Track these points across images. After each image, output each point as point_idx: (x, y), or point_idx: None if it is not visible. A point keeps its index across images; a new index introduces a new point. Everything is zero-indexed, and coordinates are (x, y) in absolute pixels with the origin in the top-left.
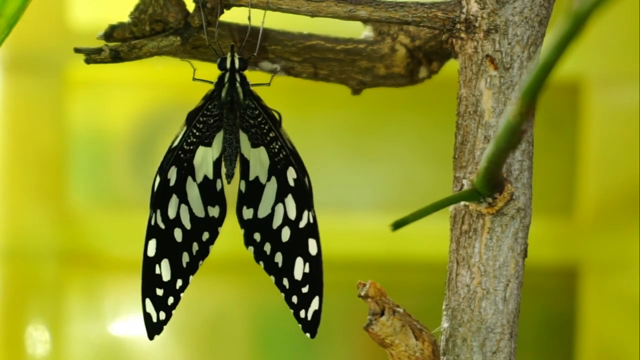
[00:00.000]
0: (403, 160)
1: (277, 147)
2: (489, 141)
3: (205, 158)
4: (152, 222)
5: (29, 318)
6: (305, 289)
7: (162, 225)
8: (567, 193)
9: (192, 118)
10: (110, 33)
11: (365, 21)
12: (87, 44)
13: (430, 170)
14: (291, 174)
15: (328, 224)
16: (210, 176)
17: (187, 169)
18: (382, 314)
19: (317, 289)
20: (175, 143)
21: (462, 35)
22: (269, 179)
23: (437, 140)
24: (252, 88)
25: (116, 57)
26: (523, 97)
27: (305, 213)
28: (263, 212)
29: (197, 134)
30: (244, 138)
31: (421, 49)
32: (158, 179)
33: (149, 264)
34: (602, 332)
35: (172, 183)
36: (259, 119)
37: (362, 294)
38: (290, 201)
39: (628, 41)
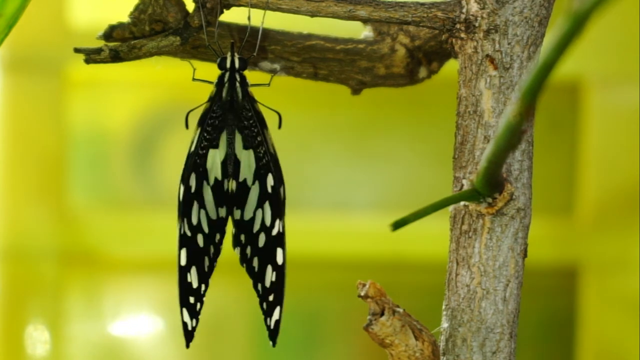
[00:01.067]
0: (403, 160)
1: (262, 151)
2: (488, 141)
3: (214, 160)
4: (182, 232)
5: (29, 318)
6: (271, 297)
7: (189, 234)
8: (567, 193)
9: (202, 121)
10: (110, 33)
11: (365, 21)
12: (87, 44)
13: (430, 170)
14: (269, 181)
15: (328, 224)
16: (220, 177)
17: (202, 174)
18: (382, 314)
19: (279, 299)
20: (192, 149)
21: (462, 35)
22: (254, 183)
23: (437, 140)
24: (250, 89)
25: (116, 57)
26: (523, 97)
27: (277, 222)
28: (247, 214)
29: (207, 137)
30: (238, 138)
31: (421, 49)
32: (182, 188)
33: (182, 274)
34: (602, 332)
35: (193, 190)
36: (251, 121)
37: (362, 294)
38: (267, 208)
39: (628, 41)
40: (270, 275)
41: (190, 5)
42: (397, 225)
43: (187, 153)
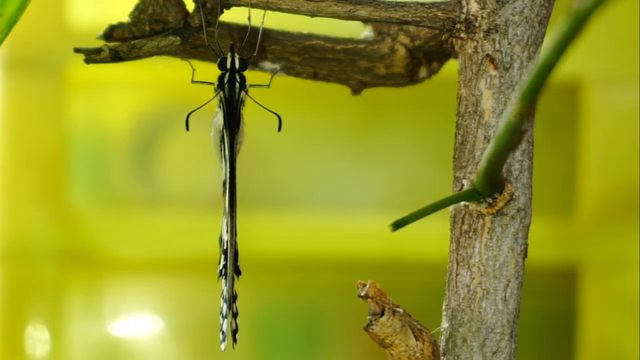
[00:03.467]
0: (403, 160)
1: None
2: (489, 141)
3: None
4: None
5: (29, 318)
6: None
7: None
8: (567, 193)
9: (225, 124)
10: (110, 33)
11: (365, 21)
12: (87, 44)
13: (430, 170)
14: None
15: (328, 224)
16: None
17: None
18: (382, 314)
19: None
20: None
21: (462, 35)
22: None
23: (437, 140)
24: (249, 90)
25: (116, 57)
26: (523, 97)
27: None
28: None
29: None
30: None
31: (421, 49)
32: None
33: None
34: (602, 332)
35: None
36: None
37: (362, 294)
38: None
39: (628, 41)
40: None
41: (190, 5)
42: (397, 225)
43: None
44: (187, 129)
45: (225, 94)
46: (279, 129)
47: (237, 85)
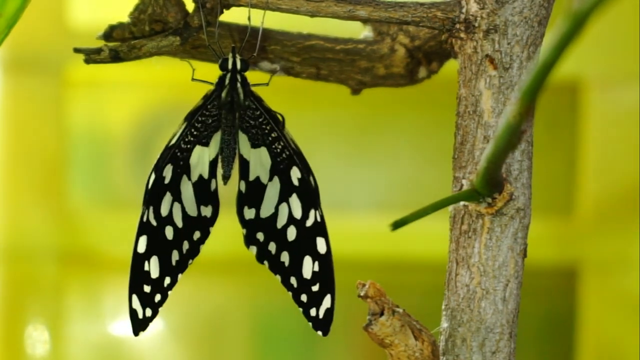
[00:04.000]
0: (403, 160)
1: (280, 147)
2: (488, 141)
3: (201, 157)
4: (144, 219)
5: (29, 318)
6: (315, 287)
7: (154, 223)
8: (567, 193)
9: (191, 117)
10: (110, 33)
11: (365, 21)
12: (87, 44)
13: (430, 170)
14: (295, 174)
15: (328, 224)
16: (206, 176)
17: (182, 168)
18: (382, 314)
19: (328, 287)
20: (173, 141)
21: (462, 35)
22: (270, 179)
23: (436, 140)
24: (252, 89)
25: (115, 57)
26: (522, 97)
27: (312, 212)
28: (266, 212)
29: (195, 133)
30: (243, 139)
31: (421, 49)
32: (153, 176)
33: (138, 260)
34: (602, 332)
35: (166, 181)
36: (260, 120)
37: (362, 294)
38: (295, 200)
39: (628, 41)
40: (310, 266)
41: (190, 5)
42: (397, 225)
43: (165, 145)
44: None
45: (222, 94)
46: (283, 128)
47: (239, 85)
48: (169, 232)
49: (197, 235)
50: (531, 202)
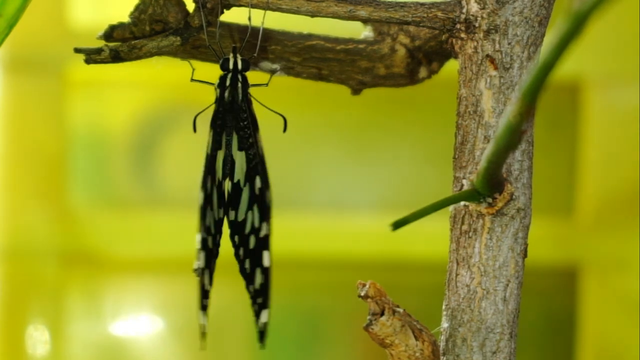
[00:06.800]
0: (403, 160)
1: (252, 154)
2: (489, 141)
3: (218, 161)
4: (203, 236)
5: (29, 318)
6: (259, 300)
7: (205, 236)
8: (567, 193)
9: (213, 123)
10: (110, 33)
11: (365, 21)
12: (87, 44)
13: (430, 170)
14: (257, 183)
15: (328, 224)
16: (220, 178)
17: (213, 175)
18: (382, 314)
19: (265, 301)
20: (207, 151)
21: (462, 35)
22: (245, 184)
23: (437, 140)
24: (249, 90)
25: (116, 57)
26: (523, 97)
27: (263, 224)
28: (240, 216)
29: (217, 137)
30: (235, 139)
31: (421, 49)
32: (202, 195)
33: (202, 278)
34: (602, 332)
35: (208, 192)
36: (245, 123)
37: (362, 294)
38: (256, 210)
39: (628, 41)
40: (259, 278)
41: (190, 6)
42: (397, 225)
43: (205, 155)
44: (195, 130)
45: (224, 95)
46: (284, 130)
47: (240, 85)
48: (210, 242)
49: (218, 238)
50: (532, 202)
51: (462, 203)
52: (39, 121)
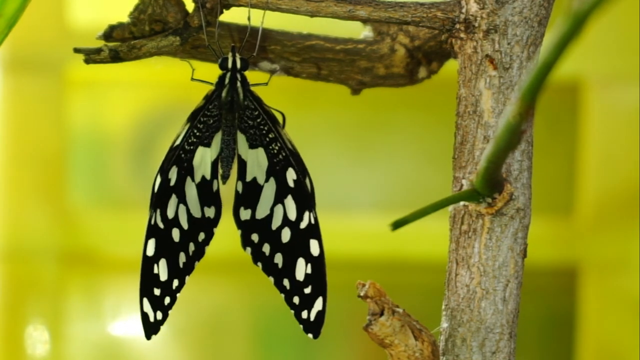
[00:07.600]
0: (403, 160)
1: (277, 148)
2: (488, 141)
3: (204, 158)
4: (152, 222)
5: (29, 318)
6: (307, 290)
7: (161, 225)
8: (567, 193)
9: (193, 118)
10: (110, 33)
11: (365, 21)
12: (87, 44)
13: (430, 170)
14: (291, 175)
15: (328, 224)
16: (208, 177)
17: (186, 169)
18: (382, 314)
19: (320, 289)
20: (177, 142)
21: (462, 35)
22: (267, 180)
23: (436, 140)
24: (252, 88)
25: (115, 57)
26: (523, 97)
27: (306, 214)
28: (261, 213)
29: (198, 134)
30: (241, 139)
31: (421, 49)
32: (159, 179)
33: (147, 264)
34: (602, 332)
35: (172, 183)
36: (259, 120)
37: (362, 294)
38: (290, 202)
39: (628, 41)
40: (303, 268)
41: (190, 5)
42: (397, 225)
43: (170, 146)
44: None
45: (222, 94)
46: (283, 126)
47: (239, 85)
48: (175, 234)
49: (201, 236)
50: (531, 202)
51: (462, 203)
52: (38, 121)
